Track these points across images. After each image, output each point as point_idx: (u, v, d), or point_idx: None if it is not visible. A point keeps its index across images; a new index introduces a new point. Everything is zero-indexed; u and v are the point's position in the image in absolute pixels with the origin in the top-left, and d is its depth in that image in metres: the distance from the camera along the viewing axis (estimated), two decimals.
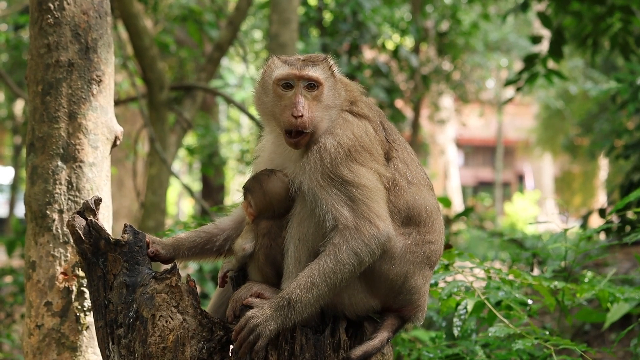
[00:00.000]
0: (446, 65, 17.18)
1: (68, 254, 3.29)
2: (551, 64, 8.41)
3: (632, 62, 7.86)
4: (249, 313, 2.65)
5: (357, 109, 2.88)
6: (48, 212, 3.28)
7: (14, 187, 19.72)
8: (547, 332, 3.83)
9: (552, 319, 6.13)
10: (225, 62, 15.89)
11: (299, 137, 2.76)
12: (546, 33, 9.55)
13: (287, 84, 2.80)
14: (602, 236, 8.12)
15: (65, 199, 3.29)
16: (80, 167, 3.31)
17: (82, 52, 3.31)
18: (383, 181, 2.80)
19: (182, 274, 2.83)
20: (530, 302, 3.89)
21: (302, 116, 2.73)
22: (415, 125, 15.46)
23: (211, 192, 15.29)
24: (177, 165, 21.67)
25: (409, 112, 15.60)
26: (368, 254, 2.68)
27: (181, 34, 12.24)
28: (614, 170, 16.51)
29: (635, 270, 6.39)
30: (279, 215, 2.83)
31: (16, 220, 13.26)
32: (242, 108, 8.17)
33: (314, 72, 2.79)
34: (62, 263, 3.28)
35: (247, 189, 2.90)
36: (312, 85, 2.79)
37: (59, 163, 3.30)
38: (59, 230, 3.28)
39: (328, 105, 2.81)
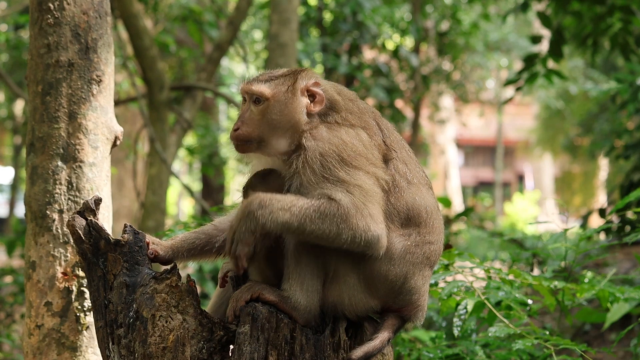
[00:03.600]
0: (446, 65, 17.19)
1: (68, 254, 3.29)
2: (551, 63, 8.41)
3: (632, 62, 7.87)
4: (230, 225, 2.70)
5: (343, 120, 2.84)
6: (48, 212, 3.28)
7: (14, 187, 19.74)
8: (547, 332, 3.83)
9: (552, 319, 6.13)
10: (225, 62, 15.89)
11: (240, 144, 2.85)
12: (546, 33, 9.55)
13: (243, 98, 2.91)
14: (602, 236, 8.12)
15: (65, 199, 3.29)
16: (80, 167, 3.31)
17: (82, 52, 3.31)
18: (382, 184, 2.78)
19: (182, 274, 2.84)
20: (530, 302, 3.89)
21: (237, 130, 2.84)
22: (415, 125, 15.46)
23: (211, 192, 15.30)
24: (177, 165, 21.67)
25: (409, 112, 15.60)
26: (350, 237, 2.63)
27: (181, 34, 12.24)
28: (614, 170, 16.52)
29: (635, 270, 6.40)
30: None
31: (16, 220, 13.28)
32: None
33: (258, 87, 2.83)
34: (62, 263, 3.28)
35: (248, 185, 2.92)
36: (258, 100, 2.85)
37: (59, 163, 3.30)
38: (59, 230, 3.28)
39: (273, 123, 2.82)
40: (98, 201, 2.90)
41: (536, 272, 5.62)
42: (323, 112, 2.86)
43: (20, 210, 18.45)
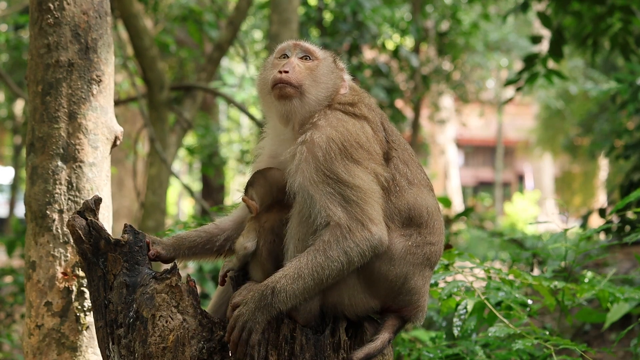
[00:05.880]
0: (446, 65, 17.17)
1: (68, 254, 3.29)
2: (551, 64, 8.41)
3: (632, 62, 7.86)
4: (236, 312, 2.65)
5: (354, 110, 2.89)
6: (48, 212, 3.28)
7: (14, 187, 19.75)
8: (547, 332, 3.83)
9: (552, 319, 6.13)
10: (225, 62, 15.89)
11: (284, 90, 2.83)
12: (546, 33, 9.55)
13: (284, 55, 2.93)
14: (602, 236, 8.12)
15: (65, 199, 3.29)
16: (80, 167, 3.31)
17: (82, 52, 3.31)
18: (381, 181, 2.79)
19: (182, 274, 2.83)
20: (530, 302, 3.89)
21: (287, 72, 2.83)
22: (415, 125, 15.45)
23: (211, 192, 15.29)
24: (177, 165, 21.67)
25: (409, 112, 15.58)
26: (358, 254, 2.67)
27: (181, 34, 12.24)
28: (614, 170, 16.50)
29: (635, 270, 6.39)
30: (278, 202, 2.84)
31: (16, 220, 13.28)
32: (242, 108, 8.18)
33: (310, 46, 2.94)
34: (62, 263, 3.28)
35: (249, 183, 2.93)
36: (307, 57, 2.91)
37: (59, 163, 3.29)
38: (59, 230, 3.28)
39: (320, 80, 2.88)
40: (98, 201, 2.90)
41: (536, 272, 5.62)
42: (341, 98, 2.93)
43: (20, 210, 18.46)
